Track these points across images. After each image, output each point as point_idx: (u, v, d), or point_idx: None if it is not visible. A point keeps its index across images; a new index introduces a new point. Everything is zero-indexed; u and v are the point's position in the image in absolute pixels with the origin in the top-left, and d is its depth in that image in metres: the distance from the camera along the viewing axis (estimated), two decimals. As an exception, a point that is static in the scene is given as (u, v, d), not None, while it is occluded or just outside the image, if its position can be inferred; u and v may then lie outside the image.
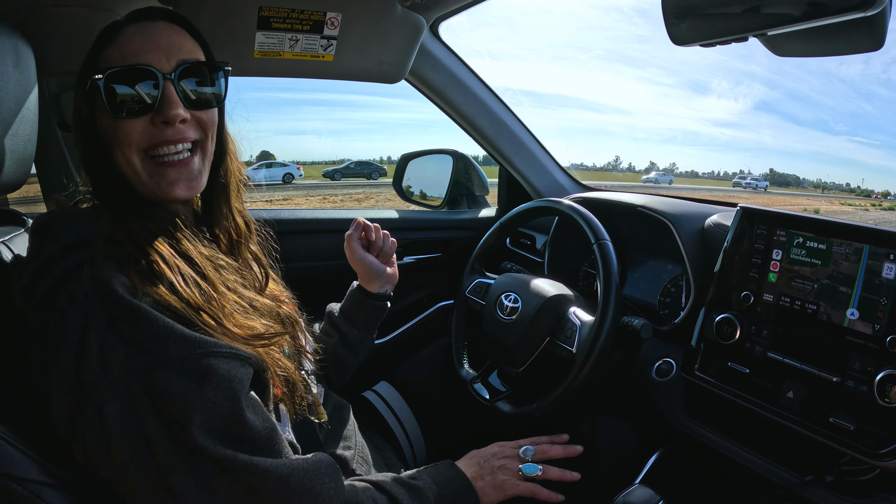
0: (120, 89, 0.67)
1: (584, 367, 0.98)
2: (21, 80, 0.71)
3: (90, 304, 0.58)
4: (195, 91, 0.72)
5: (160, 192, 0.71)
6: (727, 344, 0.98)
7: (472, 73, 1.44)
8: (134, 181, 0.71)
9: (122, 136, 0.68)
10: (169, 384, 0.57)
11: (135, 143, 0.69)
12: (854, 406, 0.83)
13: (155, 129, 0.69)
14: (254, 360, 0.66)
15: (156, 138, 0.69)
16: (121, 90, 0.67)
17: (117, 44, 0.69)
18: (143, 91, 0.68)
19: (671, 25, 0.81)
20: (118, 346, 0.57)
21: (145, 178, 0.70)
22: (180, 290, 0.63)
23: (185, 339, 0.59)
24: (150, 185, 0.71)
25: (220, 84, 0.76)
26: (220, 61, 0.76)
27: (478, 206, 1.76)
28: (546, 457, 0.93)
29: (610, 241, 1.04)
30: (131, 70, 0.67)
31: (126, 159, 0.69)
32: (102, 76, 0.67)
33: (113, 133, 0.69)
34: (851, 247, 0.88)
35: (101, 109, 0.69)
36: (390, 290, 1.12)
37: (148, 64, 0.68)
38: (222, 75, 0.76)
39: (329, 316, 1.11)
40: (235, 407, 0.60)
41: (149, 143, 0.70)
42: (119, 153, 0.69)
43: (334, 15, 1.11)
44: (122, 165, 0.70)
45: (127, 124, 0.68)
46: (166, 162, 0.71)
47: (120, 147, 0.69)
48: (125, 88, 0.67)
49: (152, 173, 0.70)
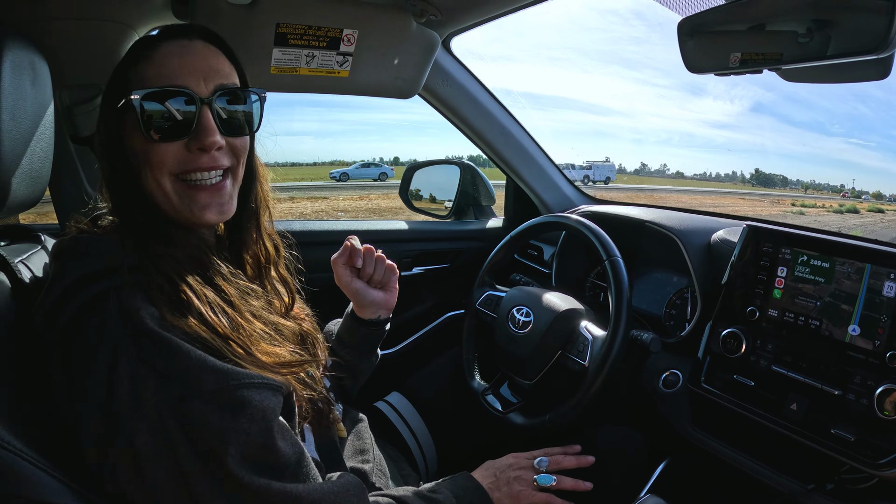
0: (156, 111, 0.66)
1: (596, 381, 1.01)
2: (38, 97, 0.71)
3: (119, 336, 0.57)
4: (231, 116, 0.71)
5: (190, 217, 0.70)
6: (733, 357, 1.01)
7: (482, 86, 1.46)
8: (162, 204, 0.69)
9: (154, 159, 0.67)
10: (203, 416, 0.57)
11: (167, 167, 0.68)
12: (854, 418, 0.86)
13: (189, 154, 0.68)
14: (283, 387, 0.66)
15: (190, 164, 0.68)
16: (157, 112, 0.66)
17: (153, 61, 0.67)
18: (179, 115, 0.67)
19: (687, 53, 0.83)
20: (149, 379, 0.56)
21: (175, 201, 0.69)
22: (209, 320, 0.63)
23: (218, 372, 0.59)
24: (180, 208, 0.69)
25: (255, 110, 0.75)
26: (255, 88, 0.75)
27: (485, 216, 1.78)
28: (560, 467, 0.96)
29: (621, 258, 1.07)
30: (168, 92, 0.66)
31: (156, 182, 0.68)
32: (139, 96, 0.65)
33: (144, 154, 0.67)
34: (854, 266, 0.91)
35: (132, 129, 0.68)
36: (385, 315, 1.04)
37: (186, 87, 0.67)
38: (257, 101, 0.75)
39: (327, 337, 1.08)
40: (268, 436, 0.61)
41: (182, 168, 0.68)
42: (149, 175, 0.68)
43: (351, 32, 1.12)
44: (150, 187, 0.69)
45: (161, 147, 0.67)
46: (198, 186, 0.70)
47: (151, 169, 0.68)
48: (161, 110, 0.66)
49: (183, 196, 0.69)
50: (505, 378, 1.24)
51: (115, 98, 0.68)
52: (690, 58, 0.84)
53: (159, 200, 0.70)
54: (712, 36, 0.82)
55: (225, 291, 0.69)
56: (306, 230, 1.46)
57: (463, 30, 1.27)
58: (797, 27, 0.77)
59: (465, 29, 1.26)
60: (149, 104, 0.66)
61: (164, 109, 0.66)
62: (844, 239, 0.96)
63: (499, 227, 1.74)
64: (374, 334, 1.04)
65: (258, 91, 0.75)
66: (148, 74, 0.67)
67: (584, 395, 1.01)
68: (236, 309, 0.68)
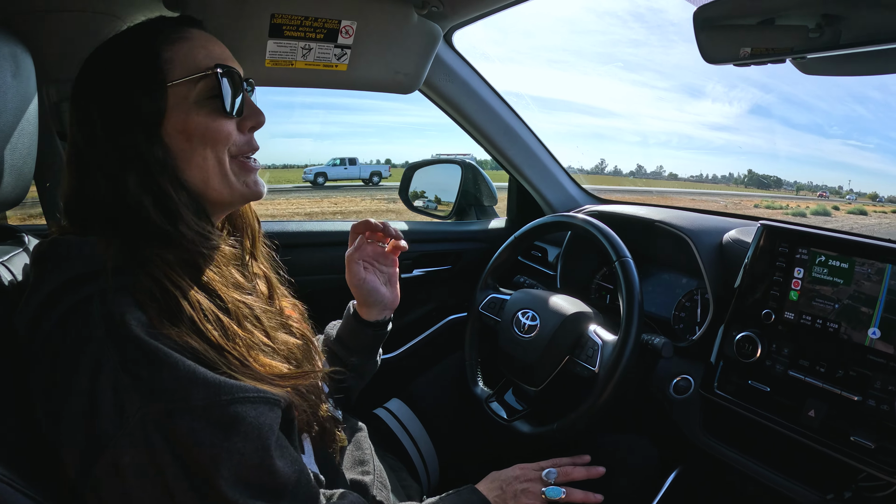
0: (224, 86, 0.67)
1: (607, 388, 0.97)
2: (20, 90, 0.67)
3: (102, 344, 0.53)
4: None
5: (247, 191, 0.71)
6: (747, 362, 0.98)
7: (486, 82, 1.42)
8: (216, 181, 0.68)
9: (221, 135, 0.67)
10: (193, 434, 0.53)
11: (230, 143, 0.69)
12: (875, 424, 0.83)
13: (241, 134, 0.71)
14: (282, 400, 0.62)
15: (248, 146, 0.72)
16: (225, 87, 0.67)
17: (194, 43, 0.68)
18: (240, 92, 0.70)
19: (703, 43, 0.80)
20: (133, 391, 0.52)
21: (232, 178, 0.69)
22: (201, 329, 0.59)
23: (209, 385, 0.55)
24: (237, 184, 0.70)
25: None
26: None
27: (486, 216, 1.74)
28: (569, 479, 0.92)
29: (631, 259, 1.03)
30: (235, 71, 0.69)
31: (217, 159, 0.68)
32: (222, 70, 0.67)
33: (204, 130, 0.66)
34: (874, 266, 0.88)
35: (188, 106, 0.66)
36: (389, 315, 1.01)
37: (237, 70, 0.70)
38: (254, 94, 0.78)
39: (326, 341, 1.04)
40: (265, 456, 0.57)
41: (243, 150, 0.71)
42: (210, 153, 0.67)
43: (349, 23, 1.07)
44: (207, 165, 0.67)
45: (225, 123, 0.68)
46: (250, 164, 0.72)
47: (215, 146, 0.67)
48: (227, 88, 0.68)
49: (238, 174, 0.70)
50: (509, 384, 1.20)
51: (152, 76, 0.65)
52: (706, 48, 0.80)
53: (212, 180, 0.68)
54: (728, 26, 0.78)
55: (221, 297, 0.64)
56: (300, 231, 1.42)
57: (465, 23, 1.23)
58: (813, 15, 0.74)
59: (467, 22, 1.22)
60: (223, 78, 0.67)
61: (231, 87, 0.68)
62: (864, 238, 0.92)
63: (501, 228, 1.70)
64: (380, 336, 1.00)
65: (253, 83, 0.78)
66: (196, 55, 0.67)
67: (595, 403, 0.97)
68: (233, 317, 0.64)
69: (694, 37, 0.82)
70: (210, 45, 0.69)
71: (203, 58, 0.67)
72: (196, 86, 0.66)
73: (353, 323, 0.99)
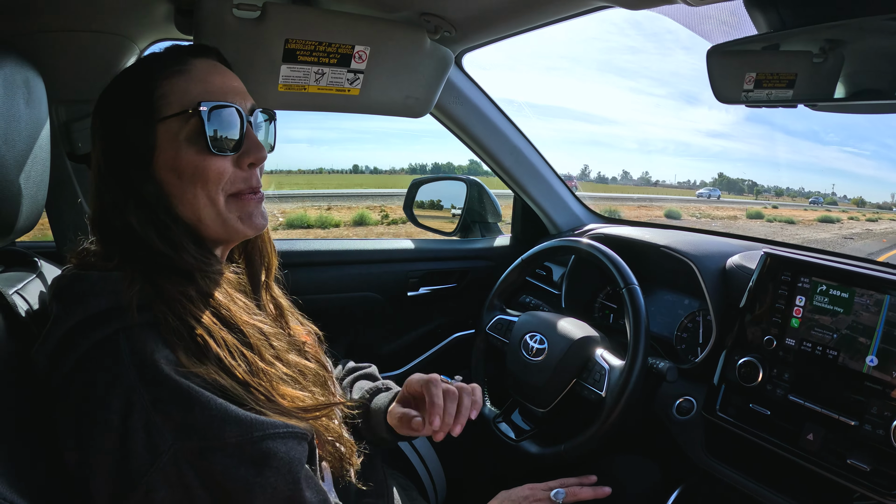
0: (219, 123, 0.66)
1: (614, 412, 0.99)
2: (33, 117, 0.67)
3: (132, 382, 0.54)
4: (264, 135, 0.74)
5: (241, 228, 0.69)
6: (749, 386, 1.01)
7: (493, 103, 1.43)
8: (210, 219, 0.67)
9: (212, 174, 0.66)
10: (227, 471, 0.55)
11: (223, 182, 0.67)
12: (871, 448, 0.86)
13: (240, 171, 0.68)
14: (308, 434, 0.63)
15: (245, 183, 0.69)
16: (218, 125, 0.65)
17: (193, 77, 0.67)
18: (235, 128, 0.67)
19: (715, 81, 0.82)
20: (165, 429, 0.54)
21: (225, 215, 0.68)
22: (228, 366, 0.60)
23: (241, 422, 0.56)
24: (231, 221, 0.68)
25: (273, 132, 0.77)
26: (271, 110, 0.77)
27: (491, 233, 1.75)
28: (576, 499, 0.94)
29: (638, 286, 1.05)
30: (227, 107, 0.66)
31: (210, 198, 0.66)
32: (207, 108, 0.64)
33: (196, 169, 0.65)
34: (872, 298, 0.91)
35: (177, 143, 0.65)
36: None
37: (235, 104, 0.67)
38: (274, 123, 0.77)
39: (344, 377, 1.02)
40: (296, 489, 0.59)
41: (238, 189, 0.68)
42: (201, 192, 0.66)
43: (362, 48, 1.08)
44: (198, 204, 0.66)
45: (219, 161, 0.66)
46: (247, 200, 0.70)
47: (206, 184, 0.66)
48: (223, 123, 0.66)
49: (232, 208, 0.68)
50: (516, 405, 1.22)
51: (145, 111, 0.65)
52: (719, 86, 0.83)
53: (205, 217, 0.67)
54: (738, 62, 0.80)
55: (243, 332, 0.65)
56: (309, 250, 1.43)
57: (476, 47, 1.24)
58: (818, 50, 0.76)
59: (478, 46, 1.24)
60: (214, 115, 0.65)
61: (225, 123, 0.66)
62: (865, 269, 0.95)
63: (506, 246, 1.71)
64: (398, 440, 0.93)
65: (272, 112, 0.77)
66: (191, 89, 0.66)
67: (602, 426, 1.00)
68: (256, 351, 0.65)
69: (707, 74, 0.84)
70: (210, 78, 0.68)
71: (198, 93, 0.66)
72: (187, 123, 0.65)
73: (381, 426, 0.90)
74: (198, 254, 0.66)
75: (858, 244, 16.02)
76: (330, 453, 0.73)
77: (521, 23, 1.09)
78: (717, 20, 0.91)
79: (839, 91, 0.76)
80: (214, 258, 0.70)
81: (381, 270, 1.50)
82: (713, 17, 0.91)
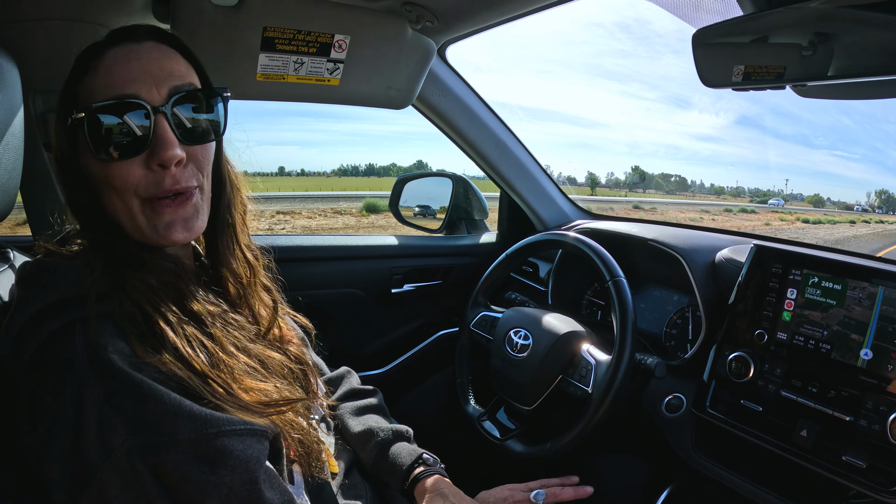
0: (108, 127, 0.59)
1: (601, 408, 0.96)
2: (5, 104, 0.65)
3: (85, 375, 0.52)
4: (192, 121, 0.64)
5: (157, 238, 0.64)
6: (740, 382, 0.98)
7: (479, 97, 1.42)
8: (128, 226, 0.63)
9: (117, 182, 0.61)
10: (180, 468, 0.52)
11: (132, 188, 0.61)
12: (866, 445, 0.84)
13: (151, 173, 0.62)
14: (269, 431, 0.61)
15: (156, 188, 0.62)
16: (110, 128, 0.59)
17: (99, 71, 0.61)
18: (133, 127, 0.60)
19: (702, 66, 0.80)
20: (118, 424, 0.52)
21: (142, 222, 0.63)
22: (185, 356, 0.57)
23: (195, 418, 0.54)
24: (146, 229, 0.63)
25: (219, 112, 0.68)
26: (217, 87, 0.68)
27: (477, 230, 1.73)
28: (557, 500, 0.91)
29: (624, 279, 1.03)
30: (119, 104, 0.59)
31: (123, 204, 0.62)
32: (85, 113, 0.59)
33: (103, 176, 0.61)
34: (865, 291, 0.89)
35: (84, 150, 0.61)
36: None
37: (136, 95, 0.60)
38: (220, 102, 0.68)
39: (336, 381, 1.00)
40: (253, 489, 0.56)
41: (150, 194, 0.62)
42: (114, 198, 0.62)
43: (342, 37, 1.06)
44: (115, 209, 0.63)
45: (120, 167, 0.60)
46: (161, 207, 0.63)
47: (115, 192, 0.61)
48: (113, 126, 0.59)
49: (149, 216, 0.63)
50: (501, 403, 1.19)
51: (64, 117, 0.62)
52: (704, 72, 0.81)
53: (125, 223, 0.63)
54: (727, 50, 0.79)
55: (204, 322, 0.63)
56: (291, 245, 1.40)
57: (459, 38, 1.23)
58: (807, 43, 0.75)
59: (461, 37, 1.22)
60: (98, 120, 0.59)
61: (116, 124, 0.59)
62: (857, 260, 0.93)
63: (492, 243, 1.69)
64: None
65: (220, 90, 0.68)
66: (96, 87, 0.61)
67: (588, 423, 0.97)
68: (217, 342, 0.62)
69: (693, 59, 0.82)
70: (115, 69, 0.61)
71: (100, 89, 0.60)
72: (83, 127, 0.60)
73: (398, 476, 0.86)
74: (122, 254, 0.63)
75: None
76: (299, 454, 0.70)
77: (504, 12, 1.08)
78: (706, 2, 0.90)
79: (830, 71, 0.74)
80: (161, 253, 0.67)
81: (365, 267, 1.48)
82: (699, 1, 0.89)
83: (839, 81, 0.70)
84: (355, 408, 0.96)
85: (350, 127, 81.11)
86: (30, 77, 0.77)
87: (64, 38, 1.02)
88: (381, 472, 0.88)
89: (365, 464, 0.90)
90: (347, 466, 0.89)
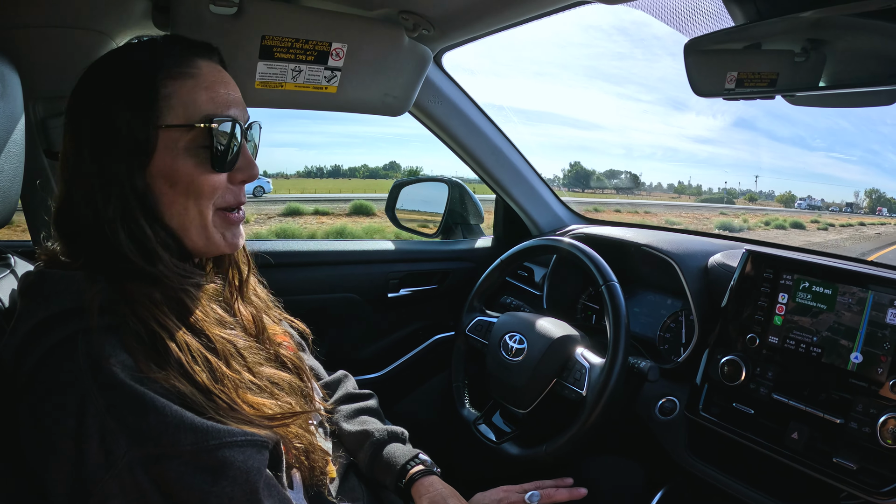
0: (221, 140, 0.64)
1: (595, 411, 0.98)
2: (7, 111, 0.65)
3: (87, 386, 0.53)
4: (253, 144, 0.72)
5: (223, 245, 0.69)
6: (732, 385, 0.99)
7: (474, 103, 1.43)
8: (195, 233, 0.66)
9: (205, 189, 0.65)
10: (181, 479, 0.53)
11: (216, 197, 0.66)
12: (857, 447, 0.85)
13: (231, 186, 0.68)
14: (269, 442, 0.61)
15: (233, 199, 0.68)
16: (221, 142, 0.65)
17: (200, 83, 0.65)
18: (235, 145, 0.66)
19: (693, 75, 0.82)
20: (120, 435, 0.52)
21: (212, 230, 0.67)
22: (190, 372, 0.58)
23: (197, 430, 0.55)
24: (215, 236, 0.67)
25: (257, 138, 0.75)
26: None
27: (473, 235, 1.74)
28: (552, 501, 0.92)
29: (617, 283, 1.04)
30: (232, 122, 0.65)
31: (198, 211, 0.65)
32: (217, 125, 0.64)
33: (190, 182, 0.64)
34: (855, 295, 0.90)
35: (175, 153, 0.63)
36: None
37: (237, 118, 0.66)
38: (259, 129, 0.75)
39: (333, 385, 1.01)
40: (254, 499, 0.57)
41: (229, 203, 0.68)
42: (189, 204, 0.65)
43: (340, 46, 1.08)
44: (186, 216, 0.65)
45: (213, 177, 0.65)
46: (233, 217, 0.70)
47: (193, 199, 0.65)
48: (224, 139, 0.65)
49: (219, 226, 0.68)
50: (497, 406, 1.20)
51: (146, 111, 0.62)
52: (696, 81, 0.82)
53: (191, 229, 0.66)
54: (719, 59, 0.80)
55: (209, 337, 0.63)
56: (287, 250, 1.41)
57: (455, 45, 1.24)
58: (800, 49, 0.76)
59: (457, 45, 1.24)
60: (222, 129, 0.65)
61: (227, 139, 0.65)
62: (847, 265, 0.94)
63: (488, 247, 1.70)
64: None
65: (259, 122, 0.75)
66: (198, 99, 0.64)
67: (583, 426, 0.98)
68: (220, 357, 0.63)
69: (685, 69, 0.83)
70: (216, 87, 0.66)
71: (204, 102, 0.64)
72: (189, 133, 0.63)
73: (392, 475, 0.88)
74: (176, 266, 0.64)
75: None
76: (300, 461, 0.71)
77: (500, 20, 1.09)
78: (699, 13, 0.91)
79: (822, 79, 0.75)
80: (194, 269, 0.69)
81: (361, 271, 1.49)
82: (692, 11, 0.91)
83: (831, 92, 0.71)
84: (351, 410, 0.97)
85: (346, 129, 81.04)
86: (30, 84, 0.78)
87: (64, 45, 1.03)
88: (377, 471, 0.89)
89: (360, 465, 0.91)
90: (344, 469, 0.90)
